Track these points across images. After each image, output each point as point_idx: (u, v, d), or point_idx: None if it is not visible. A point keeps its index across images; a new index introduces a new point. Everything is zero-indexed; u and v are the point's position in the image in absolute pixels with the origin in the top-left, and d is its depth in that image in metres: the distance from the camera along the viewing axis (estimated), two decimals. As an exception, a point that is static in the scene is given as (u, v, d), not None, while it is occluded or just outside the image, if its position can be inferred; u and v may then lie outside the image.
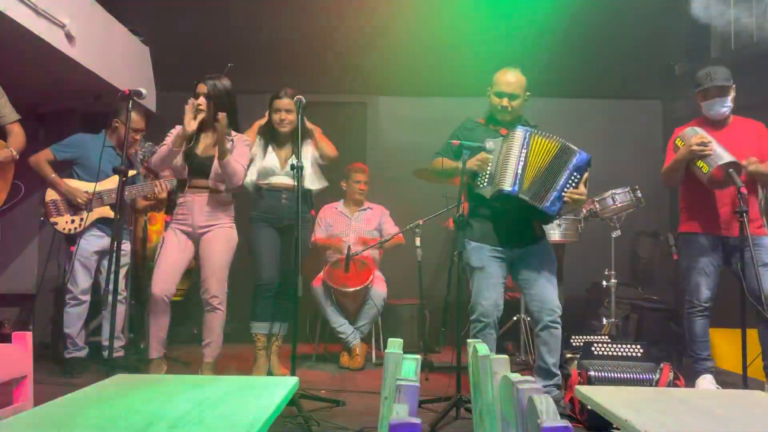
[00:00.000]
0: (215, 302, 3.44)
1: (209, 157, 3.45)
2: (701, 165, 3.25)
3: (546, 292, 3.14)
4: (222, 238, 3.51)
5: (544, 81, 5.38)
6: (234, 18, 5.34)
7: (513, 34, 5.19)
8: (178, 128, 3.42)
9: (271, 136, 3.81)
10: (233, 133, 3.55)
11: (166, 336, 3.47)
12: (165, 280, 3.36)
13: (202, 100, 3.39)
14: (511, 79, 3.21)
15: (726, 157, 3.19)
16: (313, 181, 3.79)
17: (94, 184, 3.87)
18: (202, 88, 3.42)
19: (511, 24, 5.26)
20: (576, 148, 3.07)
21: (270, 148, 3.80)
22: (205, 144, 3.50)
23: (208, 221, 3.48)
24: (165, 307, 3.38)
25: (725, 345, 3.99)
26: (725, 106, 3.45)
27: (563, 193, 3.01)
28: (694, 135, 3.31)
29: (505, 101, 3.20)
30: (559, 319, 3.14)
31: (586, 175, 3.08)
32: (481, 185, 3.09)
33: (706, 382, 3.42)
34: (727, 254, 3.44)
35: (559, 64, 5.42)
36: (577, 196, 3.04)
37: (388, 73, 5.68)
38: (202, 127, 3.45)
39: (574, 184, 3.03)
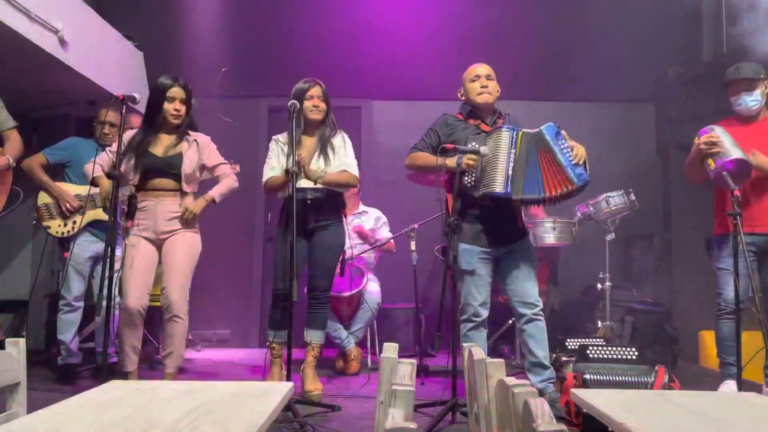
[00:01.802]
0: (177, 311, 3.24)
1: (173, 157, 3.33)
2: (710, 162, 3.26)
3: (526, 287, 3.18)
4: (186, 243, 3.34)
5: (537, 85, 5.43)
6: (228, 23, 5.34)
7: (507, 38, 5.21)
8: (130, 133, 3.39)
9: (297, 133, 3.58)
10: (193, 133, 3.46)
11: (140, 347, 3.32)
12: (138, 291, 3.20)
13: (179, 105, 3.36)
14: (482, 66, 3.35)
15: (734, 154, 3.19)
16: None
17: (85, 187, 3.87)
18: (180, 92, 3.35)
19: (505, 28, 5.28)
20: (536, 129, 3.09)
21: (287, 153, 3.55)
22: (166, 144, 3.36)
23: (171, 226, 3.32)
24: (140, 318, 3.23)
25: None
26: (753, 100, 3.43)
27: (572, 161, 3.02)
28: (706, 134, 3.31)
29: (483, 80, 3.28)
30: (540, 312, 3.18)
31: (564, 132, 3.10)
32: (469, 184, 3.10)
33: (726, 387, 3.38)
34: (761, 253, 3.40)
35: (552, 68, 5.45)
36: (580, 152, 3.05)
37: (383, 77, 5.69)
38: (159, 128, 3.36)
39: (569, 149, 3.05)
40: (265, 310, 5.66)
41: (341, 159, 3.62)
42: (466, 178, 3.09)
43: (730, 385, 3.37)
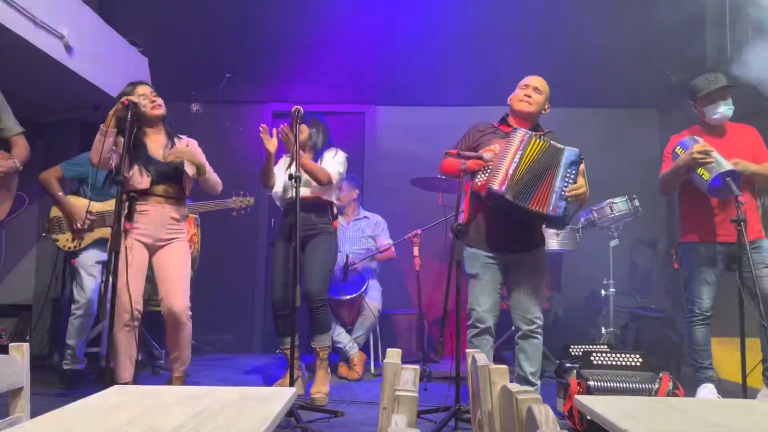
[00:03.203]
0: (182, 317, 3.21)
1: (173, 162, 3.30)
2: (702, 172, 3.26)
3: (528, 303, 3.13)
4: (182, 250, 3.34)
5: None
6: (232, 29, 5.37)
7: (510, 44, 5.21)
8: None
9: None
10: (183, 137, 3.45)
11: (135, 356, 3.25)
12: (137, 296, 3.16)
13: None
14: (539, 79, 3.29)
15: (726, 165, 3.21)
16: (332, 192, 3.78)
17: (97, 204, 3.90)
18: (146, 88, 3.32)
19: (508, 34, 5.29)
20: (563, 146, 3.04)
21: (287, 163, 3.78)
22: (158, 146, 3.32)
23: (170, 234, 3.31)
24: (137, 322, 3.18)
25: (725, 354, 3.98)
26: (729, 107, 3.47)
27: (563, 193, 2.96)
28: (695, 143, 3.32)
29: (529, 90, 3.22)
30: (539, 330, 3.13)
31: (581, 167, 3.04)
32: (479, 183, 3.07)
33: (706, 391, 3.41)
34: (728, 261, 3.44)
35: (556, 73, 5.43)
36: (578, 192, 2.97)
37: (386, 83, 5.71)
38: (145, 131, 3.31)
39: (571, 181, 2.98)
40: (268, 316, 5.69)
41: (326, 164, 3.75)
42: (479, 176, 3.07)
43: (710, 389, 3.42)
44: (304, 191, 3.68)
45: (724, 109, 3.48)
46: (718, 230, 3.44)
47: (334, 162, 3.77)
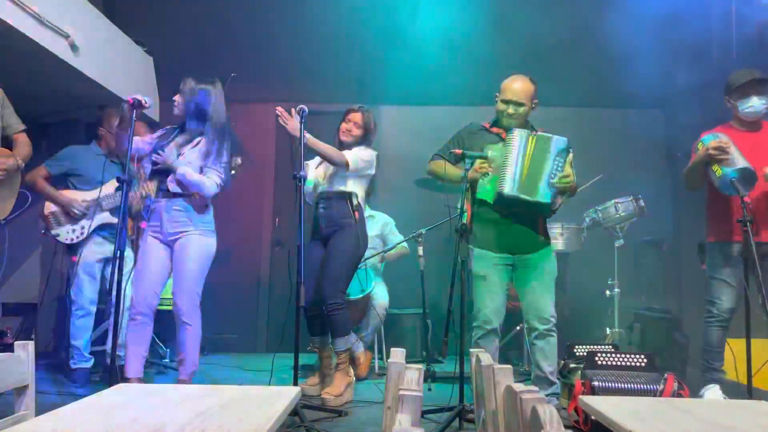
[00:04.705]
0: (185, 317, 3.18)
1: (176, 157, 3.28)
2: (716, 169, 3.23)
3: (541, 301, 3.14)
4: (194, 246, 3.24)
5: (547, 91, 5.40)
6: (237, 29, 5.38)
7: (515, 43, 5.21)
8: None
9: None
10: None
11: (146, 354, 3.26)
12: (148, 292, 3.17)
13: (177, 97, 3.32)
14: (518, 87, 3.21)
15: (741, 162, 3.17)
16: (353, 183, 3.65)
17: (90, 192, 3.90)
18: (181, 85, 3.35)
19: (513, 34, 5.28)
20: (550, 134, 3.09)
21: (318, 159, 3.73)
22: (176, 144, 3.32)
23: (177, 228, 3.23)
24: (148, 321, 3.18)
25: (730, 354, 3.96)
26: (764, 103, 3.37)
27: (551, 180, 3.04)
28: (713, 140, 3.29)
29: (510, 109, 3.20)
30: (554, 328, 3.14)
31: (569, 156, 3.09)
32: (484, 188, 3.10)
33: (711, 392, 3.38)
34: (760, 260, 3.38)
35: (562, 74, 5.44)
36: (565, 180, 3.04)
37: (390, 83, 5.70)
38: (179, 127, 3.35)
39: (559, 169, 3.05)
40: (273, 315, 5.70)
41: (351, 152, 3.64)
42: (482, 181, 3.10)
43: (715, 390, 3.38)
44: (326, 187, 3.69)
45: (757, 104, 3.37)
46: (738, 230, 3.35)
47: (356, 152, 3.62)
